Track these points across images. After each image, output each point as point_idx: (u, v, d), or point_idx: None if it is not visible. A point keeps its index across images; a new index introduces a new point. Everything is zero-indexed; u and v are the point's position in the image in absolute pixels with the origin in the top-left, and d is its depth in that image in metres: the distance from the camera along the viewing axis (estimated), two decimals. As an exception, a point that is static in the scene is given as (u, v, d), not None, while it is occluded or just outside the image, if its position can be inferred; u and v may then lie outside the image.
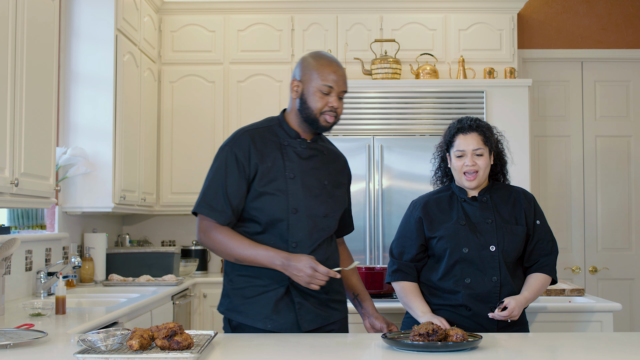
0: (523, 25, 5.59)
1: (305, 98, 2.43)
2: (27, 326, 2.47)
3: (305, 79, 2.44)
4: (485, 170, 2.60)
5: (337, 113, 2.44)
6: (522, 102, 4.97)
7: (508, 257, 2.54)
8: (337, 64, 2.46)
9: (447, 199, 2.66)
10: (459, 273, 2.54)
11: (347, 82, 2.48)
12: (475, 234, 2.55)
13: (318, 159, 2.52)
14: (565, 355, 2.02)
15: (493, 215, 2.59)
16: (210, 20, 5.32)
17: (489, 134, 2.63)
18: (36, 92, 3.07)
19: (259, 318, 2.40)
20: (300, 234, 2.41)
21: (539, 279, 2.58)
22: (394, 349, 2.05)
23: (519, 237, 2.57)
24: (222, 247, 2.39)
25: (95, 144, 4.25)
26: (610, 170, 5.57)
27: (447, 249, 2.55)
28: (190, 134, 5.26)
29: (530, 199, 2.68)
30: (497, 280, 2.50)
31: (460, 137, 2.61)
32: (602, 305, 3.20)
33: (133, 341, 1.87)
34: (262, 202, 2.40)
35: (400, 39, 5.24)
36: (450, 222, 2.58)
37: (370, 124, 4.97)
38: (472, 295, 2.50)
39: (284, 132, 2.49)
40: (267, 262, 2.33)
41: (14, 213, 3.82)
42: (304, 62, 2.48)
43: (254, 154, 2.41)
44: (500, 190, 2.67)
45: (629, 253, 5.55)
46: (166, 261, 4.57)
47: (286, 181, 2.41)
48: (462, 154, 2.59)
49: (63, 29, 4.26)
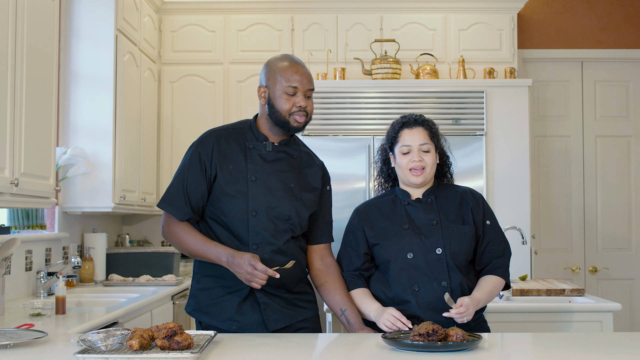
0: (523, 25, 5.59)
1: (273, 102, 2.48)
2: (27, 326, 2.47)
3: (270, 84, 2.50)
4: (432, 167, 2.50)
5: (307, 112, 2.47)
6: (522, 102, 4.97)
7: (457, 259, 2.42)
8: (299, 64, 2.49)
9: (390, 203, 2.55)
10: (406, 281, 2.41)
11: (312, 80, 2.50)
12: (420, 237, 2.43)
13: (285, 162, 2.52)
14: (565, 355, 2.02)
15: (438, 216, 2.47)
16: (210, 20, 5.32)
17: (435, 129, 2.54)
18: (36, 92, 3.07)
19: (223, 319, 2.43)
20: (259, 237, 2.42)
21: (491, 280, 2.45)
22: (394, 349, 2.05)
23: (467, 237, 2.45)
24: (179, 242, 2.45)
25: (95, 144, 4.25)
26: (610, 170, 5.57)
27: (390, 256, 2.44)
28: (190, 134, 5.26)
29: (478, 197, 2.55)
30: (447, 285, 2.38)
31: (406, 132, 2.51)
32: (602, 305, 3.20)
33: (133, 341, 1.87)
34: (223, 203, 2.44)
35: (400, 39, 5.24)
36: (393, 227, 2.47)
37: (370, 124, 4.97)
38: (423, 304, 2.38)
39: (251, 135, 2.53)
40: (215, 257, 2.37)
41: (14, 213, 3.82)
42: (267, 67, 2.53)
43: (216, 155, 2.46)
44: (446, 190, 2.56)
45: (629, 253, 5.55)
46: (166, 261, 4.57)
47: (247, 183, 2.44)
48: (409, 150, 2.49)
49: (63, 29, 4.26)
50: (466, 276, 2.45)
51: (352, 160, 4.84)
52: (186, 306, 2.57)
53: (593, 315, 3.18)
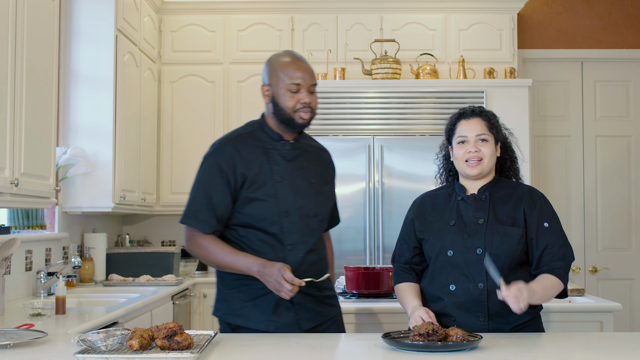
0: (523, 25, 5.59)
1: (277, 100, 2.45)
2: (27, 326, 2.47)
3: (273, 82, 2.46)
4: (491, 159, 2.38)
5: (311, 108, 2.45)
6: (522, 102, 4.97)
7: (498, 261, 2.28)
8: (300, 60, 2.47)
9: (445, 196, 2.45)
10: (443, 278, 2.34)
11: (314, 75, 2.47)
12: (463, 235, 2.33)
13: (303, 159, 2.53)
14: (565, 355, 2.02)
15: (487, 214, 2.35)
16: (210, 20, 5.32)
17: (494, 120, 2.42)
18: (36, 92, 3.07)
19: (260, 320, 2.41)
20: (294, 236, 2.43)
21: (548, 277, 2.28)
22: (394, 349, 2.05)
23: (513, 240, 2.31)
24: (206, 255, 2.43)
25: (95, 144, 4.25)
26: (610, 170, 5.57)
27: (432, 252, 2.37)
28: (190, 134, 5.26)
29: (536, 198, 2.40)
30: (483, 287, 2.28)
31: (463, 123, 2.40)
32: (602, 305, 3.20)
33: (133, 341, 1.87)
34: (252, 208, 2.42)
35: (400, 39, 5.24)
36: (440, 222, 2.39)
37: (370, 124, 4.97)
38: (456, 304, 2.30)
39: (266, 136, 2.50)
40: (245, 268, 2.35)
41: (14, 213, 3.82)
42: (269, 65, 2.49)
43: (239, 162, 2.42)
44: (504, 188, 2.43)
45: (629, 253, 5.55)
46: (166, 261, 4.57)
47: (274, 185, 2.43)
48: (465, 140, 2.37)
49: (63, 29, 4.25)
50: (507, 279, 2.25)
51: (352, 160, 4.83)
52: (215, 311, 2.53)
53: (593, 315, 3.18)
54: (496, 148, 2.42)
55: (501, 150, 2.48)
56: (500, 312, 2.30)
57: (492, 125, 2.40)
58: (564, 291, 2.34)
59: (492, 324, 2.31)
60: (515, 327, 2.34)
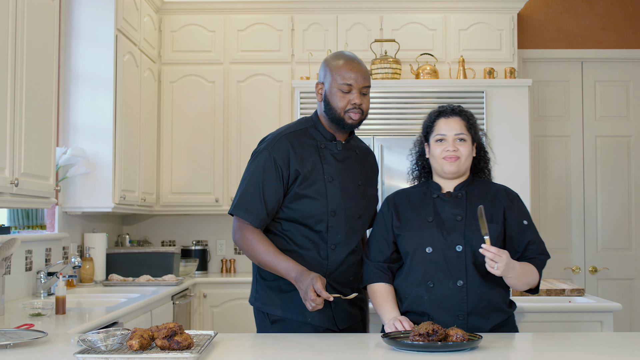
0: (523, 25, 5.59)
1: (328, 99, 2.48)
2: (27, 326, 2.47)
3: (325, 81, 2.50)
4: (467, 158, 2.39)
5: (362, 109, 2.47)
6: (522, 102, 4.98)
7: (478, 258, 2.28)
8: (355, 61, 2.48)
9: (420, 194, 2.45)
10: (421, 275, 2.33)
11: (368, 77, 2.49)
12: (442, 232, 2.33)
13: (352, 160, 2.56)
14: (565, 355, 2.02)
15: (464, 212, 2.35)
16: (210, 20, 5.32)
17: (472, 120, 2.44)
18: (36, 92, 3.07)
19: (298, 310, 2.44)
20: (338, 237, 2.47)
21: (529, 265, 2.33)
22: (394, 349, 2.05)
23: (491, 236, 2.30)
24: (251, 249, 2.43)
25: (95, 144, 4.25)
26: (610, 170, 5.57)
27: (410, 248, 2.36)
28: (190, 134, 5.26)
29: (513, 197, 2.43)
30: (463, 285, 2.28)
31: (442, 122, 2.41)
32: (602, 305, 3.20)
33: (133, 341, 1.87)
34: (301, 204, 2.44)
35: (400, 39, 5.24)
36: (417, 219, 2.38)
37: (370, 124, 4.97)
38: (435, 301, 2.29)
39: (320, 135, 2.53)
40: (284, 272, 2.36)
41: (14, 213, 3.82)
42: (325, 64, 2.53)
43: (293, 158, 2.44)
44: (479, 187, 2.44)
45: (629, 253, 5.55)
46: (166, 261, 4.57)
47: (325, 184, 2.46)
48: (443, 138, 2.38)
49: (63, 29, 4.25)
50: (485, 277, 2.30)
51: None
52: (253, 300, 2.55)
53: (593, 315, 3.18)
54: (472, 148, 2.44)
55: (477, 147, 2.49)
56: (479, 311, 2.30)
57: (470, 126, 2.42)
58: (537, 287, 2.39)
59: (471, 323, 2.30)
60: (494, 327, 2.34)
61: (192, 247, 5.33)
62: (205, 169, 5.22)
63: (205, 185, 5.22)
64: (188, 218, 5.51)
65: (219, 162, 5.19)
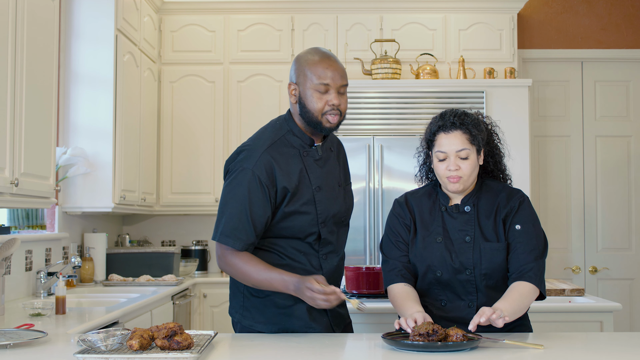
0: (523, 25, 5.59)
1: (303, 101, 2.30)
2: (27, 326, 2.47)
3: (300, 81, 2.31)
4: (471, 175, 2.29)
5: (340, 110, 2.30)
6: (522, 102, 4.98)
7: (489, 279, 2.27)
8: (331, 58, 2.30)
9: (430, 204, 2.38)
10: (434, 294, 2.32)
11: (345, 74, 2.31)
12: (451, 254, 2.28)
13: (331, 161, 2.44)
14: (565, 355, 2.02)
15: (473, 230, 2.29)
16: (210, 20, 5.32)
17: (476, 131, 2.29)
18: (36, 92, 3.07)
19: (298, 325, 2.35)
20: (330, 246, 2.40)
21: (519, 287, 2.21)
22: (394, 349, 2.05)
23: (501, 256, 2.26)
24: (240, 273, 2.29)
25: (95, 144, 4.25)
26: (610, 170, 5.57)
27: (420, 269, 2.32)
28: (190, 134, 5.26)
29: (513, 203, 2.32)
30: (473, 307, 2.27)
31: (442, 137, 2.28)
32: (602, 305, 3.20)
33: (133, 341, 1.87)
34: (291, 221, 2.31)
35: (400, 39, 5.24)
36: (428, 237, 2.32)
37: (370, 124, 4.97)
38: (451, 318, 2.28)
39: (299, 140, 2.35)
40: (282, 287, 2.23)
41: (14, 213, 3.82)
42: (297, 62, 2.33)
43: (279, 174, 2.27)
44: (488, 196, 2.34)
45: (629, 253, 5.55)
46: (166, 261, 4.57)
47: (313, 194, 2.33)
48: (445, 157, 2.28)
49: (63, 29, 4.25)
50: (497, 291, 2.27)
51: (352, 160, 4.75)
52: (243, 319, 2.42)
53: (593, 315, 3.18)
54: (479, 157, 2.33)
55: (485, 151, 2.39)
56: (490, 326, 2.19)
57: (473, 138, 2.28)
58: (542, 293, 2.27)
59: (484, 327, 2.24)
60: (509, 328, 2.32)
61: (192, 247, 5.33)
62: (205, 169, 5.22)
63: (205, 185, 5.22)
64: (188, 218, 5.51)
65: (219, 162, 5.19)
